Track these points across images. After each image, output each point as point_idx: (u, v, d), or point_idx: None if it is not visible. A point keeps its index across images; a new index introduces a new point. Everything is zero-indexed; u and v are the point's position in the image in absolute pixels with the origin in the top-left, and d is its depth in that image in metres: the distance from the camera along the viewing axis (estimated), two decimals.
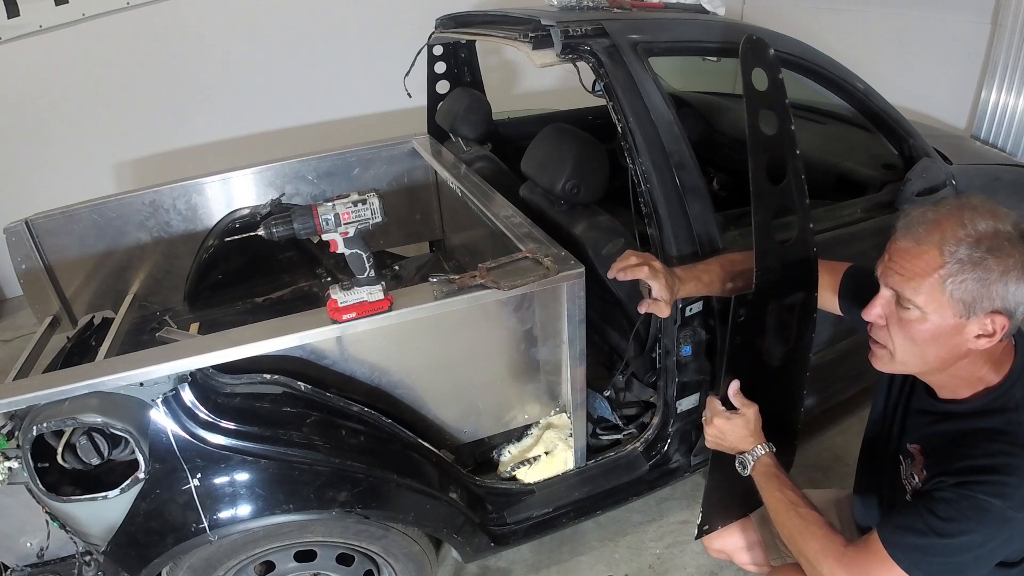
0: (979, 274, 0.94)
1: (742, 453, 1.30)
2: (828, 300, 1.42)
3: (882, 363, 1.11)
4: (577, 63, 1.59)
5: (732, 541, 1.50)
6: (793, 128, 1.40)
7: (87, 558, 1.37)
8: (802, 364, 1.52)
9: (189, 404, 1.31)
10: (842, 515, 1.46)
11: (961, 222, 0.97)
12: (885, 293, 1.05)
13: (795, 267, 1.42)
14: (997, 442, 0.99)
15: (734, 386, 1.35)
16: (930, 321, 0.99)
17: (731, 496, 1.45)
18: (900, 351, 1.06)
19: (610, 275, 1.40)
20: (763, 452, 1.28)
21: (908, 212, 1.04)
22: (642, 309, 1.42)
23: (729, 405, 1.35)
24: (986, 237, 0.95)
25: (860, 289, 1.26)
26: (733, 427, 1.32)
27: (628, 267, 1.37)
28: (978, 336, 0.98)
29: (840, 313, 1.40)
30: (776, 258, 1.38)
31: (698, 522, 1.48)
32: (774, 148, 1.38)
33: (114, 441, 1.25)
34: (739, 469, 1.31)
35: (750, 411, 1.32)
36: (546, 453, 1.73)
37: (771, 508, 1.22)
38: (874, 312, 1.07)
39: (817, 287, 1.45)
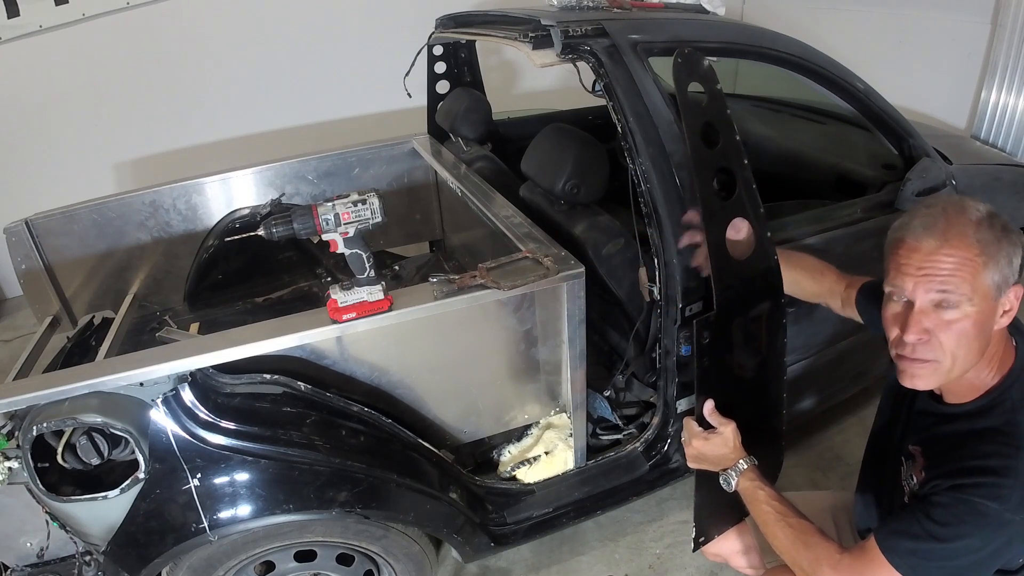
0: (1005, 251, 0.97)
1: (725, 470, 1.30)
2: (836, 306, 1.42)
3: (929, 378, 1.03)
4: (577, 63, 1.58)
5: (728, 545, 1.50)
6: (738, 139, 1.39)
7: (87, 558, 1.38)
8: (777, 371, 1.52)
9: (189, 404, 1.31)
10: (838, 520, 1.46)
11: (966, 210, 0.98)
12: (923, 304, 0.99)
13: (757, 280, 1.42)
14: (993, 443, 0.99)
15: (709, 405, 1.35)
16: (974, 314, 0.97)
17: (721, 506, 1.45)
18: (954, 356, 1.00)
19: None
20: (745, 467, 1.28)
21: (906, 221, 1.02)
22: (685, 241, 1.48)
23: (706, 424, 1.35)
24: (991, 217, 0.98)
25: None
26: (712, 446, 1.32)
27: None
28: (1003, 313, 1.00)
29: (855, 319, 1.39)
30: (735, 275, 1.38)
31: (693, 535, 1.48)
32: (720, 162, 1.38)
33: (114, 441, 1.25)
34: (723, 486, 1.31)
35: (727, 429, 1.32)
36: (546, 453, 1.73)
37: (760, 522, 1.22)
38: (919, 329, 1.00)
39: (782, 293, 1.45)
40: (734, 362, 1.46)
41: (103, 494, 1.26)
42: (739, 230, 1.43)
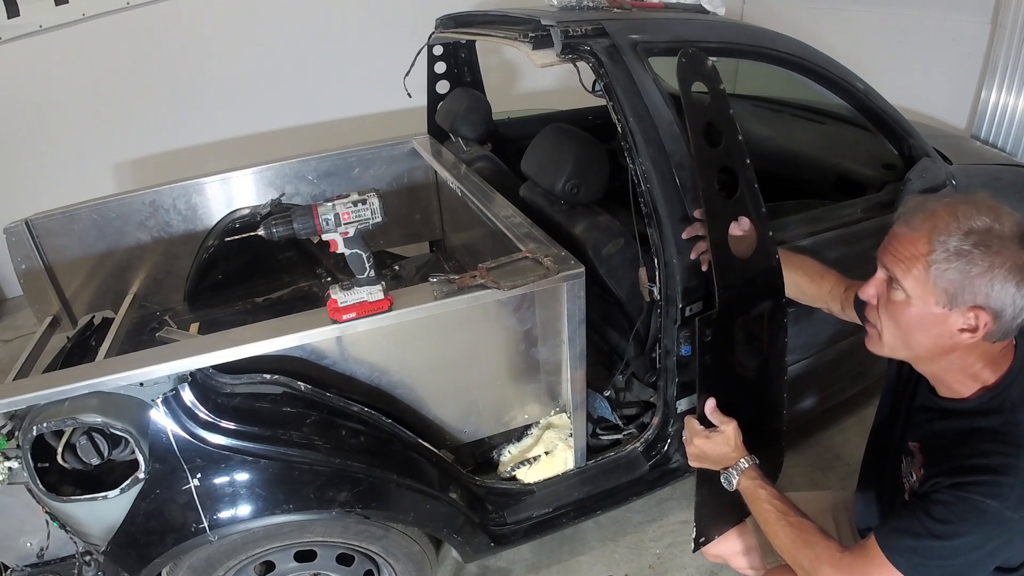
0: (962, 265, 0.95)
1: (726, 469, 1.30)
2: (836, 309, 1.42)
3: (872, 343, 1.13)
4: (577, 63, 1.59)
5: (728, 546, 1.50)
6: (740, 138, 1.40)
7: (87, 558, 1.37)
8: (778, 370, 1.53)
9: (189, 404, 1.31)
10: (838, 519, 1.46)
11: (955, 215, 0.98)
12: (879, 274, 1.07)
13: (759, 279, 1.42)
14: (993, 442, 0.99)
15: (710, 404, 1.35)
16: (914, 306, 1.01)
17: (722, 507, 1.46)
18: (886, 333, 1.08)
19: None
20: (747, 465, 1.28)
21: (908, 200, 1.06)
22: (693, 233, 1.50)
23: (708, 423, 1.35)
24: (977, 232, 0.96)
25: None
26: (714, 445, 1.32)
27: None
28: (961, 330, 0.99)
29: (855, 322, 1.40)
30: (738, 274, 1.38)
31: (693, 536, 1.48)
32: (723, 162, 1.38)
33: (114, 441, 1.25)
34: (725, 485, 1.31)
35: (729, 427, 1.32)
36: (546, 453, 1.73)
37: (761, 520, 1.22)
38: (868, 292, 1.09)
39: (783, 293, 1.46)
40: (735, 361, 1.46)
41: (103, 494, 1.26)
42: (742, 227, 1.44)
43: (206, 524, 1.31)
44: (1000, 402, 1.02)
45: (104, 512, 1.31)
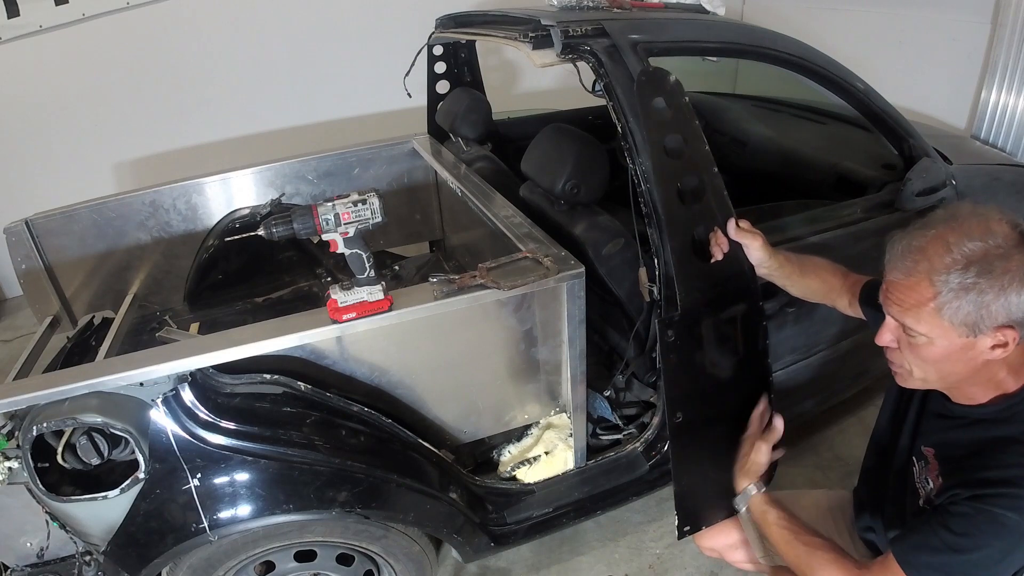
0: (973, 297, 0.93)
1: (735, 495, 1.33)
2: (842, 304, 1.42)
3: (904, 381, 1.11)
4: (577, 63, 1.59)
5: (722, 539, 1.50)
6: (707, 148, 1.43)
7: (87, 558, 1.38)
8: (761, 371, 1.53)
9: (189, 404, 1.31)
10: (836, 519, 1.45)
11: (947, 247, 0.94)
12: (890, 321, 1.05)
13: (729, 282, 1.43)
14: (1013, 453, 0.98)
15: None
16: (938, 345, 0.99)
17: (707, 495, 1.47)
18: (916, 371, 1.06)
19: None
20: (754, 492, 1.30)
21: (894, 240, 1.03)
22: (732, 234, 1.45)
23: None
24: (975, 260, 0.93)
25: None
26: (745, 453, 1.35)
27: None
28: (993, 347, 0.97)
29: (861, 317, 1.40)
30: (703, 277, 1.40)
31: (676, 523, 1.48)
32: (685, 170, 1.41)
33: (114, 441, 1.25)
34: (735, 507, 1.33)
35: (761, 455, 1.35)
36: (546, 453, 1.73)
37: (774, 543, 1.23)
38: (885, 338, 1.07)
39: (759, 296, 1.47)
40: (705, 361, 1.46)
41: (103, 494, 1.26)
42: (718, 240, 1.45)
43: (206, 524, 1.31)
44: (1019, 410, 1.01)
45: (104, 512, 1.31)
